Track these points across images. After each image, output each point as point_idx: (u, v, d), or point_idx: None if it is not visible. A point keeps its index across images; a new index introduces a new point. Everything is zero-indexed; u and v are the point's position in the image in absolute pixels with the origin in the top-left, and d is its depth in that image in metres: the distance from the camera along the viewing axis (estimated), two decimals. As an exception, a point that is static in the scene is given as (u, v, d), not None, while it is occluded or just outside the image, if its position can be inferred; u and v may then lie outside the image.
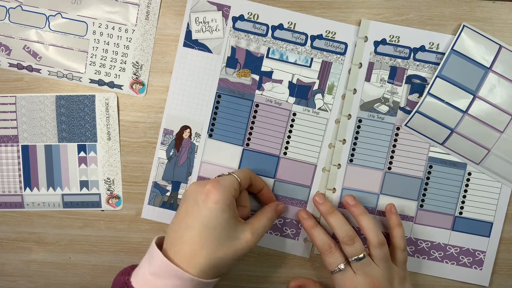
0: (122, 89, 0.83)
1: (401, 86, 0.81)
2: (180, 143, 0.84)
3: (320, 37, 0.81)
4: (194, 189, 0.69)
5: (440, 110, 0.79)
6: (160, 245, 0.69)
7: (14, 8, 0.81)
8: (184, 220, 0.67)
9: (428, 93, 0.79)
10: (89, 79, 0.83)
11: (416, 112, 0.80)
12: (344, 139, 0.82)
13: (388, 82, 0.81)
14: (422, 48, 0.81)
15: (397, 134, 0.82)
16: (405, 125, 0.81)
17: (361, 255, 0.74)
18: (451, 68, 0.79)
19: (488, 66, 0.79)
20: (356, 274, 0.74)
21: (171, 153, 0.84)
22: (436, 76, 0.79)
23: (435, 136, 0.81)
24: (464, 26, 0.79)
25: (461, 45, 0.79)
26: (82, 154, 0.84)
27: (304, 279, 0.85)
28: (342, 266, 0.75)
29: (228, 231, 0.67)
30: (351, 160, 0.83)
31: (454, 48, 0.79)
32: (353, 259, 0.74)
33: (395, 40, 0.81)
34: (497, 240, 0.83)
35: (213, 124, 0.83)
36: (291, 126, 0.83)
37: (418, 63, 0.81)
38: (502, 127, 0.79)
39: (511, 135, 0.79)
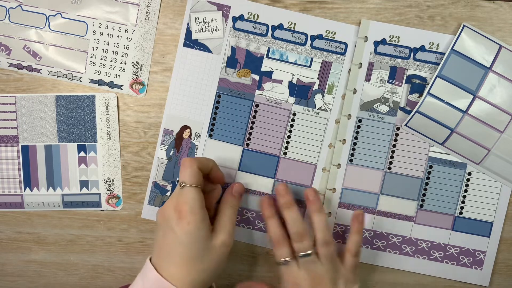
0: (122, 89, 0.83)
1: (401, 86, 0.81)
2: (180, 143, 0.84)
3: (320, 37, 0.81)
4: (166, 214, 0.71)
5: (440, 110, 0.79)
6: None
7: (14, 8, 0.81)
8: (164, 245, 0.70)
9: (428, 93, 0.79)
10: (89, 79, 0.83)
11: (416, 112, 0.80)
12: (344, 139, 0.82)
13: (388, 82, 0.81)
14: (422, 48, 0.81)
15: (397, 134, 0.82)
16: (405, 125, 0.81)
17: (308, 252, 0.75)
18: (451, 68, 0.79)
19: (488, 66, 0.79)
20: (300, 269, 0.75)
21: (171, 153, 0.84)
22: (436, 76, 0.79)
23: (435, 136, 0.81)
24: (464, 26, 0.79)
25: (461, 45, 0.79)
26: (82, 154, 0.84)
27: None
28: (287, 259, 0.75)
29: (205, 243, 0.70)
30: (351, 160, 0.83)
31: (454, 48, 0.79)
32: (300, 254, 0.75)
33: (395, 40, 0.81)
34: (497, 240, 0.83)
35: (213, 124, 0.83)
36: (291, 126, 0.83)
37: (418, 63, 0.81)
38: (502, 127, 0.79)
39: (511, 135, 0.79)
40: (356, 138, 0.82)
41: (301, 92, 0.82)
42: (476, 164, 0.82)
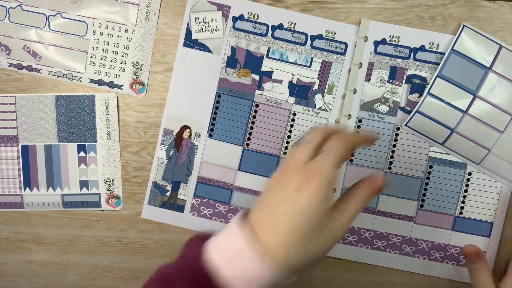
0: (122, 89, 0.83)
1: (401, 86, 0.81)
2: (180, 143, 0.84)
3: (320, 37, 0.81)
4: (291, 172, 0.58)
5: (440, 110, 0.80)
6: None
7: (14, 8, 0.81)
8: (275, 204, 0.57)
9: (428, 93, 0.79)
10: (89, 79, 0.83)
11: (416, 112, 0.80)
12: (344, 139, 0.82)
13: (388, 82, 0.81)
14: (422, 48, 0.80)
15: (397, 134, 0.82)
16: (405, 125, 0.81)
17: None
18: (451, 68, 0.79)
19: (488, 66, 0.79)
20: None
21: (171, 153, 0.84)
22: (436, 76, 0.79)
23: (435, 136, 0.81)
24: (464, 26, 0.79)
25: (461, 45, 0.79)
26: (82, 154, 0.84)
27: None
28: None
29: (323, 221, 0.57)
30: (351, 160, 0.82)
31: (454, 48, 0.79)
32: None
33: (395, 40, 0.81)
34: (497, 240, 0.83)
35: (213, 124, 0.83)
36: (291, 126, 0.83)
37: (418, 63, 0.81)
38: (502, 127, 0.79)
39: (511, 135, 0.79)
40: (356, 138, 0.82)
41: (301, 92, 0.82)
42: (476, 164, 0.82)
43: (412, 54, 0.81)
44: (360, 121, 0.82)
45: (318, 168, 0.57)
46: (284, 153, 0.83)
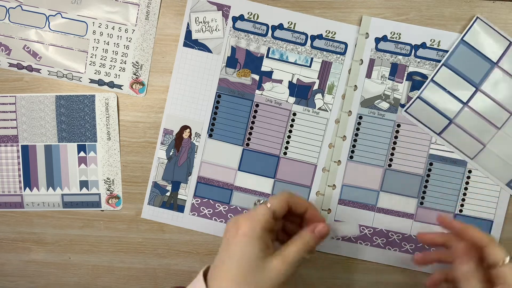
0: (122, 89, 0.83)
1: (401, 83, 0.81)
2: (180, 143, 0.84)
3: (320, 37, 0.82)
4: (228, 224, 0.66)
5: (441, 98, 0.81)
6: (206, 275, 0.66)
7: (14, 8, 0.82)
8: (220, 255, 0.65)
9: (432, 79, 0.80)
10: (89, 79, 0.83)
11: (417, 98, 0.81)
12: (345, 136, 0.82)
13: (389, 79, 0.81)
14: (423, 45, 0.81)
15: (397, 131, 0.82)
16: (405, 110, 0.81)
17: None
18: (458, 58, 0.80)
19: (495, 61, 0.80)
20: None
21: (171, 153, 0.84)
22: (442, 64, 0.80)
23: (433, 126, 0.81)
24: (477, 18, 0.80)
25: (472, 36, 0.80)
26: (82, 154, 0.84)
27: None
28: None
29: (256, 263, 0.62)
30: (351, 157, 0.83)
31: (464, 38, 0.80)
32: None
33: (396, 37, 0.81)
34: (497, 238, 0.83)
35: (213, 124, 0.83)
36: (291, 126, 0.83)
37: (419, 60, 0.81)
38: (500, 123, 0.81)
39: (507, 132, 0.80)
40: (356, 135, 0.82)
41: (301, 92, 0.82)
42: (470, 159, 0.82)
43: (413, 51, 0.81)
44: (360, 117, 0.82)
45: (251, 212, 0.65)
46: (284, 153, 0.83)
